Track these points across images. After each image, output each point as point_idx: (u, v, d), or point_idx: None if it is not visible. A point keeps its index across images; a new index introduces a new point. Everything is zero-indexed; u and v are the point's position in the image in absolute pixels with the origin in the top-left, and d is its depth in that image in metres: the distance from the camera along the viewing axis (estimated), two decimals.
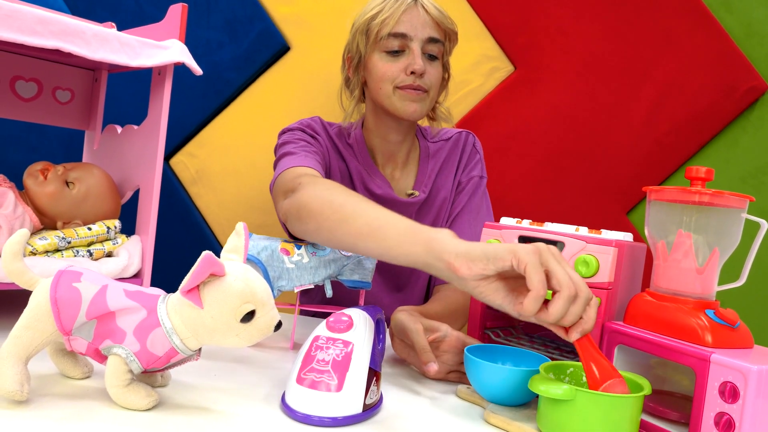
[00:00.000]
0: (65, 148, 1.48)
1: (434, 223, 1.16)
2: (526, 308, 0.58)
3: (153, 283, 1.01)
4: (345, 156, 1.14)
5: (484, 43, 1.45)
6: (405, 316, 0.79)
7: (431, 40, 1.05)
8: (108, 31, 0.77)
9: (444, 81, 1.15)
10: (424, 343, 0.75)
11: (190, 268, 0.56)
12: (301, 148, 1.04)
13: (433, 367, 0.73)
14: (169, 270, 0.93)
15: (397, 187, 1.16)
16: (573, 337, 0.61)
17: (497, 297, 0.62)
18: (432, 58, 1.07)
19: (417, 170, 1.18)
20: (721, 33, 1.38)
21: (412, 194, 1.15)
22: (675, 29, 1.40)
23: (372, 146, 1.16)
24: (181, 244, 1.49)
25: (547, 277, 0.59)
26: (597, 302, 0.60)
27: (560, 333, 0.62)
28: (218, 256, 0.61)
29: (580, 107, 1.44)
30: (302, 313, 1.14)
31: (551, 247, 0.61)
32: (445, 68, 1.14)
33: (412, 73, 1.03)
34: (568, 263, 0.61)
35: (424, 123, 1.27)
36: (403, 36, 1.04)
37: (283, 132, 1.13)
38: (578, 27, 1.43)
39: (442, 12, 1.06)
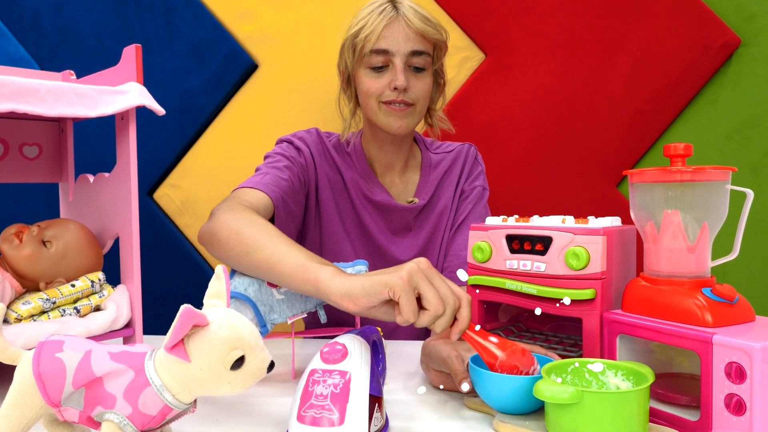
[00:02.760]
0: (46, 197, 1.47)
1: (434, 230, 1.16)
2: (401, 323, 0.65)
3: (154, 322, 1.00)
4: (340, 166, 1.14)
5: (451, 34, 1.42)
6: (441, 345, 0.77)
7: (415, 53, 1.04)
8: (62, 84, 0.75)
9: (440, 87, 1.15)
10: (460, 368, 0.72)
11: (189, 300, 0.55)
12: (272, 164, 1.05)
13: (467, 387, 0.71)
14: (168, 307, 0.92)
15: (396, 194, 1.16)
16: (453, 337, 0.66)
17: (388, 316, 0.67)
18: (418, 70, 1.05)
19: (419, 179, 1.17)
20: None
21: (412, 201, 1.15)
22: None
23: (370, 156, 1.16)
24: (176, 278, 1.48)
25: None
26: (469, 300, 0.66)
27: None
28: None
29: (557, 86, 1.42)
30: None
31: (422, 263, 0.66)
32: (439, 75, 1.13)
33: (395, 88, 1.03)
34: (440, 277, 0.66)
35: (421, 130, 1.26)
36: (384, 52, 1.03)
37: (276, 142, 1.15)
38: (545, 5, 1.41)
39: (426, 22, 1.04)
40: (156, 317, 1.04)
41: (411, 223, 1.15)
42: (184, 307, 0.53)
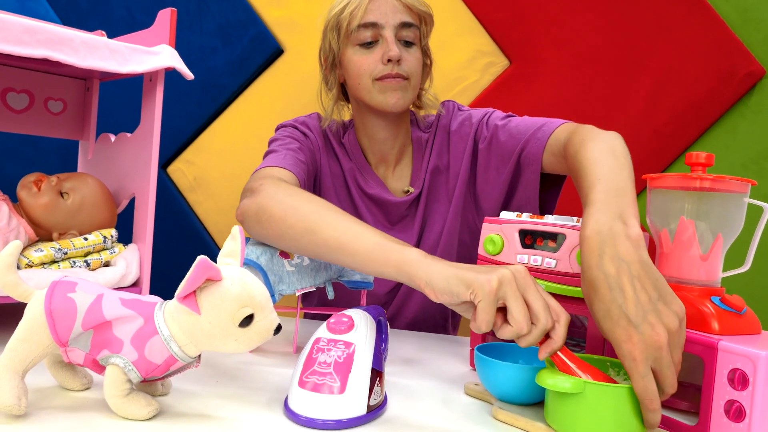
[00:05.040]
0: (61, 158, 1.48)
1: (427, 216, 1.11)
2: (474, 329, 0.61)
3: (153, 292, 1.00)
4: (339, 155, 1.11)
5: (478, 39, 1.44)
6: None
7: (404, 25, 1.00)
8: (97, 38, 0.76)
9: (426, 67, 1.11)
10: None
11: None
12: (284, 146, 1.02)
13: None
14: (169, 278, 0.93)
15: (391, 186, 1.12)
16: (541, 356, 0.60)
17: (466, 313, 0.63)
18: (408, 44, 1.02)
19: (412, 166, 1.13)
20: (716, 19, 1.37)
21: (408, 191, 1.11)
22: (670, 17, 1.39)
23: (363, 146, 1.12)
24: (181, 251, 1.48)
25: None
26: (567, 319, 0.61)
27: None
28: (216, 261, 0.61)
29: (578, 99, 1.43)
30: (304, 315, 1.13)
31: (519, 273, 0.60)
32: (425, 53, 1.09)
33: (389, 61, 0.99)
34: (537, 289, 0.60)
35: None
36: (373, 25, 0.99)
37: (277, 128, 1.12)
38: (572, 18, 1.42)
39: None
40: (157, 290, 1.04)
41: (407, 212, 1.11)
42: (200, 258, 0.53)
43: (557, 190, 1.07)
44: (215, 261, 0.61)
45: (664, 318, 0.57)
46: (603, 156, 0.75)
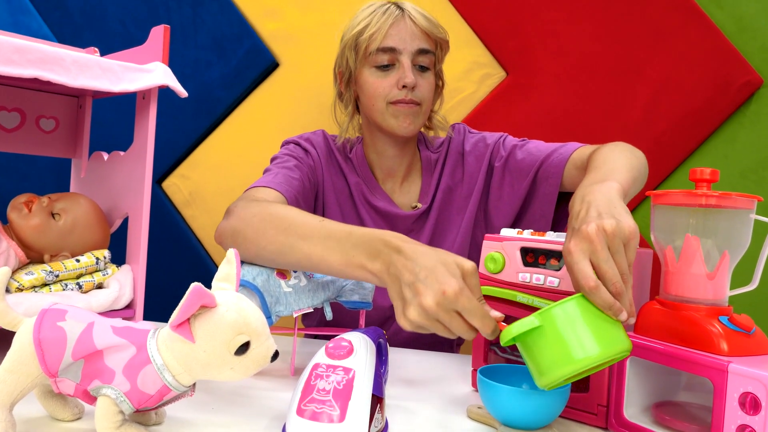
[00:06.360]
0: (55, 175, 1.46)
1: (435, 233, 1.12)
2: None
3: (150, 311, 0.99)
4: (345, 171, 1.12)
5: (474, 50, 1.43)
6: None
7: (421, 52, 1.03)
8: (88, 56, 0.75)
9: (438, 89, 1.13)
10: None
11: None
12: (281, 164, 1.04)
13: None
14: (166, 296, 0.91)
15: (398, 201, 1.13)
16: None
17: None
18: (423, 69, 1.05)
19: (421, 182, 1.15)
20: (712, 29, 1.36)
21: (415, 207, 1.13)
22: (666, 27, 1.38)
23: (371, 162, 1.14)
24: (177, 268, 1.47)
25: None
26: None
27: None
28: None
29: (575, 110, 1.42)
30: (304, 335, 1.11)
31: (449, 294, 0.61)
32: (438, 76, 1.12)
33: (404, 86, 1.02)
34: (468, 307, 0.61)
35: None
36: (392, 50, 1.02)
37: (282, 144, 1.13)
38: (569, 29, 1.41)
39: (431, 21, 1.04)
40: (154, 307, 1.02)
41: (414, 226, 1.12)
42: (194, 285, 0.52)
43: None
44: (212, 278, 0.59)
45: (603, 219, 0.60)
46: (610, 152, 0.84)
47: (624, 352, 0.58)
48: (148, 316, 0.96)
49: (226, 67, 1.46)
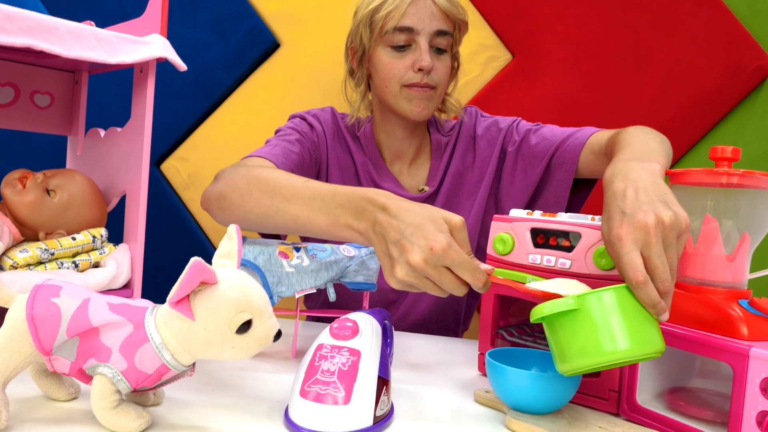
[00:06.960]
0: (51, 155, 1.43)
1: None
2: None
3: (146, 294, 0.96)
4: (352, 149, 1.09)
5: (480, 32, 1.40)
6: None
7: (439, 33, 0.99)
8: (84, 27, 0.72)
9: (453, 71, 1.10)
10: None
11: None
12: (282, 137, 1.02)
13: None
14: (163, 280, 0.89)
15: (405, 183, 1.11)
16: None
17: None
18: (440, 51, 1.01)
19: (429, 166, 1.12)
20: (725, 12, 1.33)
21: (422, 190, 1.10)
22: (677, 10, 1.35)
23: (380, 142, 1.11)
24: (176, 251, 1.44)
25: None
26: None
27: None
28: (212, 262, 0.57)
29: (582, 94, 1.39)
30: (306, 317, 1.09)
31: (438, 249, 0.59)
32: (455, 58, 1.08)
33: (420, 69, 0.98)
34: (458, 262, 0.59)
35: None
36: (409, 30, 0.98)
37: (289, 117, 1.12)
38: (577, 11, 1.38)
39: (451, 1, 1.00)
40: (151, 291, 0.99)
41: None
42: (194, 260, 0.49)
43: (585, 194, 1.06)
44: (210, 262, 0.57)
45: (659, 209, 0.55)
46: (639, 133, 0.82)
47: (656, 353, 0.55)
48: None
49: (227, 47, 1.43)
